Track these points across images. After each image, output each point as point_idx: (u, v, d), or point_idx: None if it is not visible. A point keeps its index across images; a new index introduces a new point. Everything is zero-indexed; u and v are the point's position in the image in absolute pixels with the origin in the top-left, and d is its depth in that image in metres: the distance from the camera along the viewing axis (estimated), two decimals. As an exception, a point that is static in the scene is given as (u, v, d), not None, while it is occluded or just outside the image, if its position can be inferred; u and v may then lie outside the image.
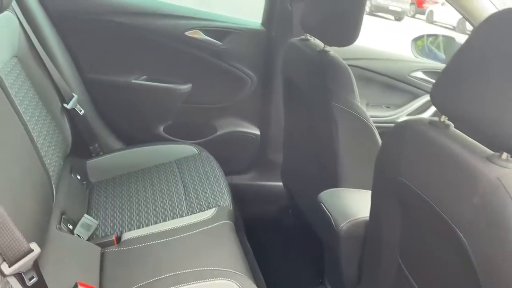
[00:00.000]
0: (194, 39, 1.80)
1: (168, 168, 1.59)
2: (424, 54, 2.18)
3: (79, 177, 1.52)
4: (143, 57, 1.82)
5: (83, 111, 1.61)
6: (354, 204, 1.19)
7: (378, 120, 2.01)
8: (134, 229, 1.31)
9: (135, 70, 1.83)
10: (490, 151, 0.73)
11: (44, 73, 1.47)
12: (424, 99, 2.09)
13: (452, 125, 0.83)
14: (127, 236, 1.27)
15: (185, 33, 1.78)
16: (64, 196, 1.34)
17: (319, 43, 1.35)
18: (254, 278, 1.18)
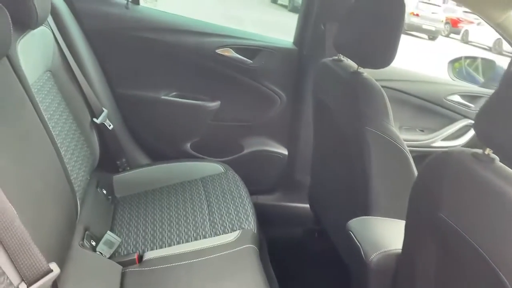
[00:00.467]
0: (224, 56, 1.79)
1: (193, 186, 1.58)
2: (462, 77, 2.10)
3: (105, 191, 1.52)
4: (173, 73, 1.82)
5: (112, 126, 1.62)
6: (386, 234, 1.13)
7: (411, 144, 1.93)
8: (157, 248, 1.29)
9: (165, 86, 1.84)
10: None
11: (76, 87, 1.48)
12: (461, 123, 2.01)
13: (498, 158, 0.76)
14: (149, 255, 1.25)
15: (216, 50, 1.78)
16: (88, 211, 1.33)
17: (353, 64, 1.31)
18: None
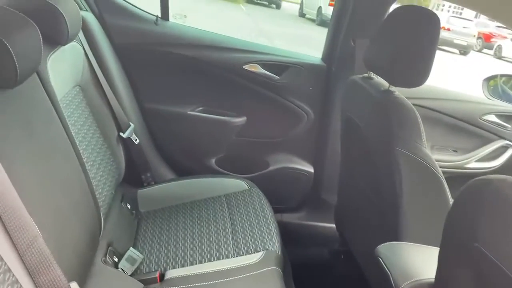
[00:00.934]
0: (251, 72, 1.78)
1: (217, 203, 1.55)
2: (497, 96, 2.01)
3: (129, 206, 1.52)
4: (200, 88, 1.82)
5: (138, 140, 1.62)
6: (417, 262, 1.07)
7: (444, 165, 1.86)
8: (178, 267, 1.27)
9: (192, 101, 1.83)
10: None
11: (104, 102, 1.49)
12: (497, 144, 1.92)
13: None
14: (170, 274, 1.23)
15: (243, 66, 1.77)
16: (112, 226, 1.33)
17: (384, 82, 1.27)
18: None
